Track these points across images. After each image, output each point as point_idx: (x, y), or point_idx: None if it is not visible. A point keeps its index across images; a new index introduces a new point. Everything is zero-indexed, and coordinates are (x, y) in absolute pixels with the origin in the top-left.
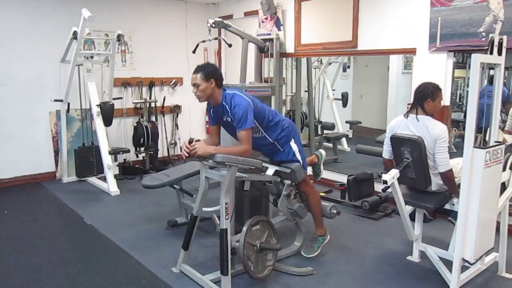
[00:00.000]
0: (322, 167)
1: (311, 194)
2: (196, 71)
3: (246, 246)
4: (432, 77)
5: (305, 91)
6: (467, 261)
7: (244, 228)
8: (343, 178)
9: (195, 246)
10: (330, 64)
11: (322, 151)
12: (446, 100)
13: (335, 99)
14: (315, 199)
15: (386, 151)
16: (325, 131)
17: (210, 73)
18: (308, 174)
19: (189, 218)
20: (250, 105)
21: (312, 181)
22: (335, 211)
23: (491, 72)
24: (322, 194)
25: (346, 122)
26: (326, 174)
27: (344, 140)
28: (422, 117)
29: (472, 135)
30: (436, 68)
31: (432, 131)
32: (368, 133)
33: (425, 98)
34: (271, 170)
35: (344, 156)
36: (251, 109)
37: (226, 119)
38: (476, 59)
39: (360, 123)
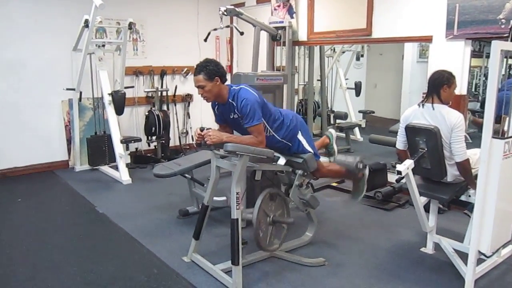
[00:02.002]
0: (335, 146)
1: (329, 175)
2: (198, 71)
3: (260, 212)
4: (449, 66)
5: (318, 80)
6: (483, 254)
7: (261, 196)
8: None
9: (206, 236)
10: (343, 52)
11: (332, 130)
12: (463, 89)
13: (348, 88)
14: (335, 174)
15: (400, 142)
16: (337, 121)
17: (212, 71)
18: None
19: (200, 207)
20: (257, 100)
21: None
22: (361, 165)
23: (510, 61)
24: (334, 184)
25: (359, 111)
26: None
27: (357, 129)
28: (438, 105)
29: (491, 125)
30: (453, 57)
31: (448, 120)
32: (382, 123)
33: (441, 85)
34: (282, 160)
35: (357, 146)
36: (259, 104)
37: (233, 116)
38: (496, 46)
39: (374, 112)
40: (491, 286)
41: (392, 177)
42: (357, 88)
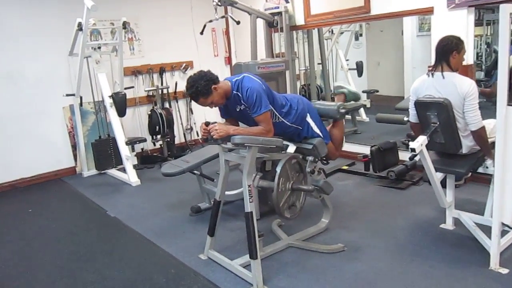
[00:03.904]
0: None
1: (338, 149)
2: (195, 98)
3: (284, 169)
4: None
5: (318, 63)
6: (507, 225)
7: (286, 157)
8: (365, 149)
9: (220, 231)
10: (342, 33)
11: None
12: (469, 59)
13: (349, 69)
14: (339, 144)
15: (412, 115)
16: None
17: (205, 87)
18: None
19: (212, 203)
20: (262, 87)
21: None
22: (343, 110)
23: None
24: (345, 167)
25: (363, 91)
26: (347, 147)
27: (362, 110)
28: (448, 74)
29: (505, 93)
30: (456, 27)
31: (460, 89)
32: (386, 101)
33: (450, 51)
34: (292, 147)
35: (363, 126)
36: (264, 91)
37: (239, 108)
38: (505, 10)
39: (377, 91)
40: None
41: (403, 155)
42: (359, 68)
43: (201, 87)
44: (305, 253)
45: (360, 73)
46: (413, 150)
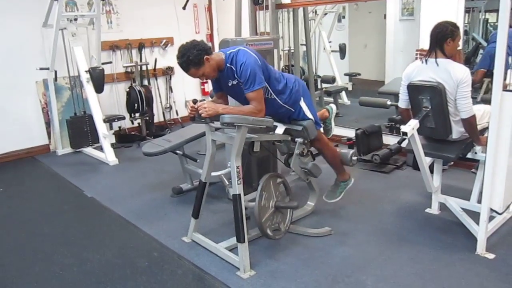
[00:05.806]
0: (333, 123)
1: (325, 150)
2: (185, 68)
3: (263, 204)
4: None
5: (302, 44)
6: (495, 211)
7: (260, 186)
8: (349, 132)
9: (204, 213)
10: (325, 14)
11: (333, 105)
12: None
13: (332, 51)
14: (331, 153)
15: (403, 100)
16: (324, 85)
17: (197, 56)
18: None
19: (194, 184)
20: (257, 62)
21: None
22: (355, 158)
23: None
24: None
25: (345, 74)
26: None
27: (344, 93)
28: (442, 60)
29: (501, 79)
30: (446, 11)
31: (454, 75)
32: (367, 85)
33: (445, 38)
34: (280, 128)
35: (345, 109)
36: (259, 66)
37: (232, 83)
38: None
39: (360, 74)
40: (503, 242)
41: (387, 139)
42: (342, 51)
43: (192, 57)
44: (292, 236)
45: (343, 56)
46: (404, 133)
